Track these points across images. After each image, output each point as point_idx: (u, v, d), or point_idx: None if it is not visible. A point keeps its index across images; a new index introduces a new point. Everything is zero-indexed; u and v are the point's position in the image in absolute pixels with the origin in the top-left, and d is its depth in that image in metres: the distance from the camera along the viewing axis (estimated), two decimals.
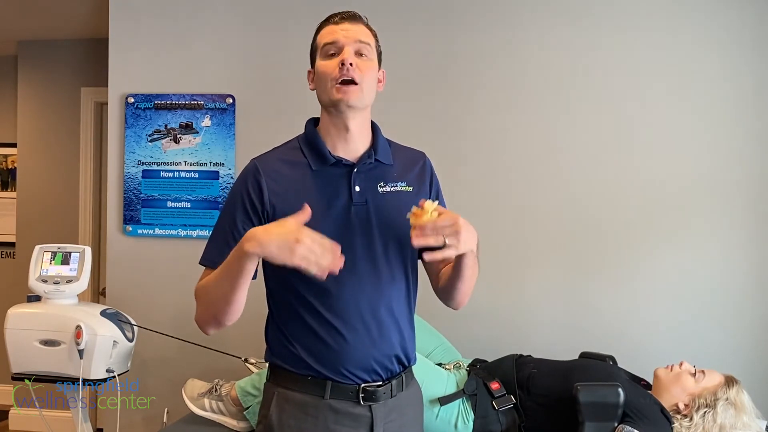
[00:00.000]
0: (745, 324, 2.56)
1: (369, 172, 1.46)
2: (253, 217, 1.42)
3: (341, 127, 1.45)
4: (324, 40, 1.44)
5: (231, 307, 1.34)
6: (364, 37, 1.43)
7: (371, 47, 1.45)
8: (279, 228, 1.23)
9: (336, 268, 1.23)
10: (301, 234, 1.20)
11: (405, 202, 1.43)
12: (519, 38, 2.71)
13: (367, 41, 1.44)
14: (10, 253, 4.56)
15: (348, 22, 1.43)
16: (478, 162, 2.72)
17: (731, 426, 2.00)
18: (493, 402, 2.08)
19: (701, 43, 2.60)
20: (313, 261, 1.20)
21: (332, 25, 1.45)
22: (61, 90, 4.11)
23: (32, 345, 2.37)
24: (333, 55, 1.42)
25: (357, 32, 1.43)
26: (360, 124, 1.46)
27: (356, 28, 1.43)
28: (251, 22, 2.90)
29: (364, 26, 1.46)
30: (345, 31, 1.42)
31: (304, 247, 1.19)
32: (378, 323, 1.42)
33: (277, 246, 1.20)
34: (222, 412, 2.22)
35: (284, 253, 1.20)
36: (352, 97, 1.40)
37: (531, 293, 2.69)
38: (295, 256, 1.19)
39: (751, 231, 2.57)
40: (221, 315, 1.36)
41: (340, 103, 1.40)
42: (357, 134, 1.46)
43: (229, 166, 2.91)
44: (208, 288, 1.38)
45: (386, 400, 1.44)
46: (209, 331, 1.42)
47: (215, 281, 1.35)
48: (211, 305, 1.37)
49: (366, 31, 1.46)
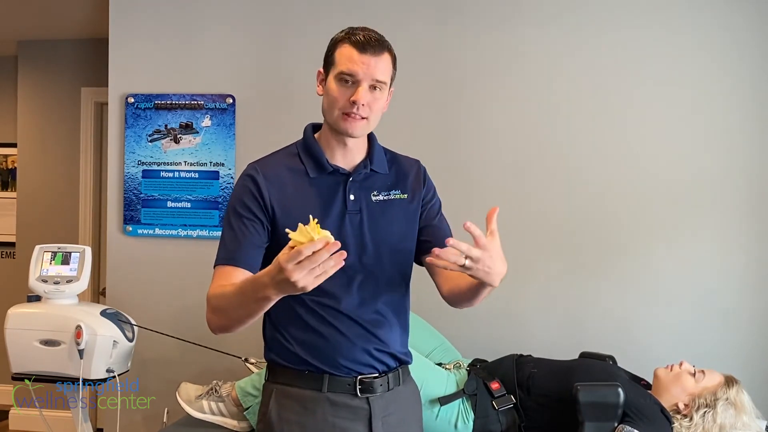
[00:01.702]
0: (745, 324, 2.56)
1: (363, 181, 1.50)
2: (258, 214, 1.43)
3: (341, 141, 1.48)
4: (342, 66, 1.40)
5: (245, 325, 1.36)
6: (381, 74, 1.41)
7: (386, 84, 1.43)
8: (276, 273, 1.18)
9: (342, 259, 1.17)
10: (287, 272, 1.14)
11: (398, 210, 1.51)
12: (517, 39, 2.71)
13: (384, 80, 1.41)
14: (10, 253, 4.56)
15: (370, 54, 1.39)
16: (477, 162, 2.72)
17: (731, 426, 2.00)
18: (493, 402, 2.08)
19: (701, 42, 2.60)
20: (319, 274, 1.16)
21: (354, 51, 1.39)
22: (61, 90, 4.11)
23: (32, 345, 2.37)
24: (347, 83, 1.40)
25: (376, 68, 1.40)
26: (359, 139, 1.49)
27: (377, 62, 1.40)
28: (251, 22, 2.90)
29: (387, 54, 1.42)
30: (366, 65, 1.39)
31: (298, 277, 1.14)
32: (372, 323, 1.46)
33: (286, 289, 1.19)
34: (222, 413, 2.22)
35: (295, 289, 1.17)
36: (357, 130, 1.43)
37: (531, 293, 2.68)
38: (304, 287, 1.15)
39: (751, 231, 2.57)
40: (233, 328, 1.39)
41: (344, 132, 1.44)
42: (354, 146, 1.50)
43: (229, 166, 2.91)
44: (224, 307, 1.37)
45: (383, 393, 1.47)
46: (218, 333, 1.44)
47: (231, 306, 1.34)
48: (224, 319, 1.38)
49: (386, 65, 1.42)
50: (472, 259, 1.25)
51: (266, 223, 1.44)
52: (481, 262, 1.25)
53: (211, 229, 2.91)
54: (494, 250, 1.27)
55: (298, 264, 1.13)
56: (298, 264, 1.13)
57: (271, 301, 1.25)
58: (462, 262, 1.24)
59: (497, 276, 1.31)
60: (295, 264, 1.13)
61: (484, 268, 1.27)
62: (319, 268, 1.14)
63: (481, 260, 1.25)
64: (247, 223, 1.42)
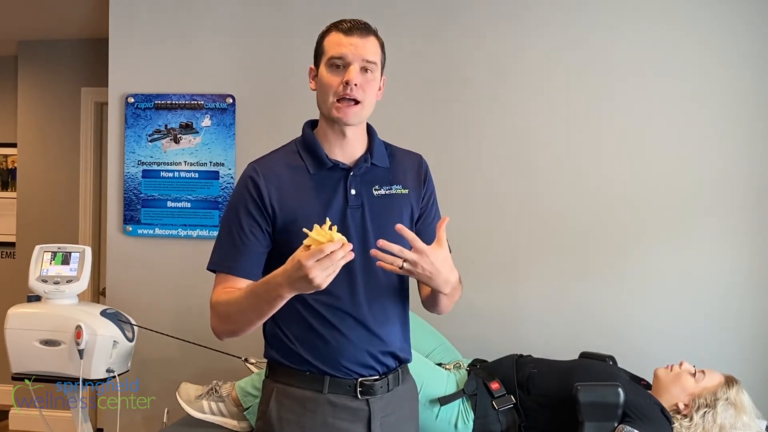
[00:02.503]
0: (745, 324, 2.56)
1: (364, 175, 1.49)
2: (258, 217, 1.44)
3: (338, 133, 1.48)
4: (331, 51, 1.42)
5: (253, 328, 1.40)
6: (371, 55, 1.42)
7: (377, 65, 1.44)
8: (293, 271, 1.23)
9: (352, 256, 1.23)
10: (307, 269, 1.21)
11: (400, 205, 1.50)
12: (517, 39, 2.71)
13: (374, 60, 1.43)
14: (10, 253, 4.56)
15: (357, 36, 1.41)
16: (477, 163, 2.72)
17: (731, 426, 2.00)
18: (493, 402, 2.08)
19: (703, 42, 2.59)
20: (332, 271, 1.22)
21: (341, 35, 1.42)
22: (61, 90, 4.11)
23: (32, 345, 2.37)
24: (338, 68, 1.41)
25: (365, 49, 1.41)
26: (357, 131, 1.49)
27: (365, 43, 1.42)
28: (251, 22, 2.90)
29: (374, 37, 1.45)
30: (353, 46, 1.40)
31: (316, 274, 1.21)
32: (374, 321, 1.46)
33: (300, 287, 1.25)
34: (222, 413, 2.22)
35: (310, 287, 1.23)
36: (351, 117, 1.43)
37: (531, 293, 2.68)
38: (319, 284, 1.22)
39: (751, 231, 2.57)
40: (242, 332, 1.42)
41: (338, 120, 1.44)
42: (353, 139, 1.49)
43: (229, 166, 2.91)
44: (231, 311, 1.41)
45: (383, 394, 1.47)
46: (224, 339, 1.48)
47: (240, 309, 1.38)
48: (231, 324, 1.42)
49: (374, 47, 1.44)
50: (408, 262, 1.30)
51: (266, 226, 1.44)
52: (420, 266, 1.31)
53: (211, 229, 2.91)
54: (436, 256, 1.32)
55: (318, 262, 1.19)
56: (318, 262, 1.19)
57: (284, 300, 1.30)
58: (399, 263, 1.30)
59: (443, 283, 1.36)
60: (315, 261, 1.19)
61: (425, 272, 1.32)
62: (333, 267, 1.21)
63: (418, 264, 1.30)
64: (248, 231, 1.43)
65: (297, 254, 1.23)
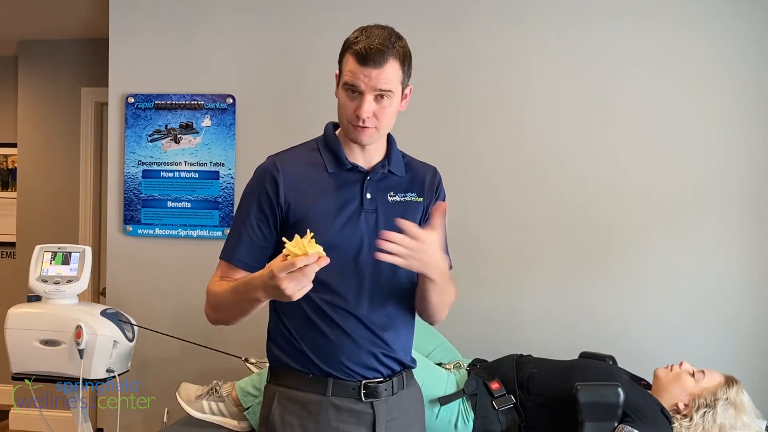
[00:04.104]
0: (745, 324, 2.56)
1: (381, 181, 1.50)
2: (267, 212, 1.45)
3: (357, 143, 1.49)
4: (346, 77, 1.39)
5: (242, 320, 1.44)
6: (386, 84, 1.38)
7: (392, 91, 1.40)
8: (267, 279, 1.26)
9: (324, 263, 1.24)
10: (278, 279, 1.22)
11: (413, 212, 1.51)
12: (517, 40, 2.71)
13: (389, 88, 1.38)
14: (10, 253, 4.55)
15: (371, 66, 1.36)
16: (477, 163, 2.72)
17: (731, 426, 2.00)
18: (493, 402, 2.08)
19: (704, 42, 2.59)
20: (305, 286, 1.24)
21: (356, 64, 1.37)
22: (61, 90, 4.11)
23: (32, 345, 2.37)
24: (354, 93, 1.40)
25: (379, 80, 1.37)
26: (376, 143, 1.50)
27: (380, 73, 1.37)
28: (252, 22, 2.90)
29: (392, 60, 1.38)
30: (367, 78, 1.36)
31: (287, 286, 1.22)
32: (378, 324, 1.45)
33: (274, 295, 1.27)
34: (222, 413, 2.22)
35: (283, 297, 1.25)
36: (365, 139, 1.44)
37: (531, 293, 2.69)
38: (290, 295, 1.24)
39: (751, 231, 2.57)
40: (230, 323, 1.46)
41: (353, 140, 1.46)
42: (372, 147, 1.50)
43: (230, 166, 2.91)
44: (219, 302, 1.45)
45: (387, 397, 1.46)
46: (216, 325, 1.52)
47: (225, 303, 1.43)
48: (219, 313, 1.47)
49: (391, 72, 1.38)
50: (406, 248, 1.31)
51: (274, 222, 1.45)
52: (415, 252, 1.32)
53: (211, 229, 2.91)
54: (430, 242, 1.34)
55: (289, 274, 1.21)
56: (289, 274, 1.21)
57: (261, 302, 1.34)
58: (399, 250, 1.31)
59: (434, 269, 1.37)
60: (287, 274, 1.21)
61: (419, 258, 1.33)
62: (306, 280, 1.22)
63: (414, 250, 1.32)
64: (255, 223, 1.45)
65: (273, 263, 1.25)
